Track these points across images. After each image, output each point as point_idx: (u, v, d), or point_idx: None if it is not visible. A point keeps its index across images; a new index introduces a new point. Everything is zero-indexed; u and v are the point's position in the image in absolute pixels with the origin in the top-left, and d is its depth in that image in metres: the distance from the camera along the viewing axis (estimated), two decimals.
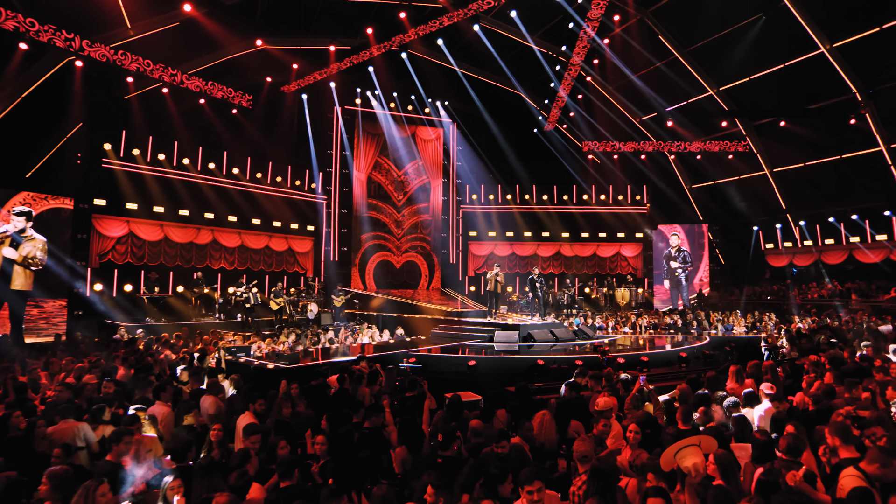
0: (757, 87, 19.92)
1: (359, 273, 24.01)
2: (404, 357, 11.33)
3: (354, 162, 24.06)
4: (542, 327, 14.88)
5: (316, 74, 18.76)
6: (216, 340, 12.26)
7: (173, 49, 16.87)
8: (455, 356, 11.97)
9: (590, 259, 26.21)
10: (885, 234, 19.79)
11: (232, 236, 20.14)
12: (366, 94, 23.70)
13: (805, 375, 7.11)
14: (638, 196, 26.12)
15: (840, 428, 4.28)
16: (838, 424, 4.33)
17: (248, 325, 16.71)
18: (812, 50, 18.00)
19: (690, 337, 16.06)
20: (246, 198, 20.45)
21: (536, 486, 3.40)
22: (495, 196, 26.52)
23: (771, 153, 21.70)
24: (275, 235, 21.43)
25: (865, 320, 15.11)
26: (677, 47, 20.42)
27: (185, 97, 17.95)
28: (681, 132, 22.48)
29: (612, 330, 17.37)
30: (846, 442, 4.21)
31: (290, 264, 22.26)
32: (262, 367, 9.67)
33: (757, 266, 23.93)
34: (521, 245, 26.27)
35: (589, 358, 10.79)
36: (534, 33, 22.21)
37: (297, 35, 19.06)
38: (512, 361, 11.69)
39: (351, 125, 23.92)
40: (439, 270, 25.84)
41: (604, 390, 6.32)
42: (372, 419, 5.16)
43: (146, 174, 17.45)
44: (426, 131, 25.50)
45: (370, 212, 24.50)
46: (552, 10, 20.30)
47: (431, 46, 23.03)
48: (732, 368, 7.19)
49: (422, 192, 25.70)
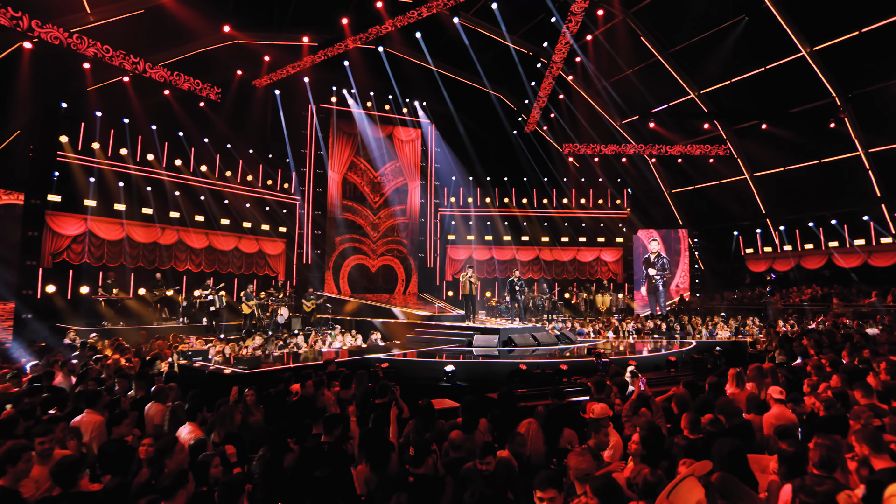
0: (738, 90, 19.81)
1: (333, 277, 23.17)
2: (377, 362, 10.62)
3: (329, 162, 23.28)
4: (523, 331, 14.30)
5: (289, 68, 17.97)
6: (174, 344, 11.36)
7: (137, 39, 15.91)
8: (431, 361, 11.31)
9: (570, 264, 25.78)
10: (863, 239, 19.75)
11: (199, 237, 19.16)
12: (342, 92, 22.99)
13: (806, 379, 6.60)
14: (618, 201, 25.85)
15: (869, 435, 3.73)
16: (867, 431, 3.79)
17: (213, 329, 15.78)
18: (793, 53, 17.91)
19: (676, 341, 15.65)
20: (214, 197, 19.53)
21: (550, 494, 2.79)
22: (474, 199, 25.95)
23: (752, 157, 21.61)
24: (244, 237, 20.49)
25: (850, 324, 14.87)
26: (659, 49, 20.20)
27: (149, 89, 17.02)
28: (663, 134, 22.25)
29: (594, 335, 16.88)
30: (878, 451, 3.66)
31: (261, 267, 21.33)
32: (217, 373, 8.85)
33: (737, 271, 23.78)
34: (501, 249, 25.73)
35: (574, 362, 10.22)
36: (514, 33, 21.86)
37: (269, 26, 18.24)
38: (492, 366, 11.06)
39: (326, 124, 23.16)
40: (416, 275, 25.14)
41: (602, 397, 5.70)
42: (332, 431, 4.47)
43: (106, 170, 16.44)
44: (404, 132, 24.86)
45: (345, 213, 23.71)
46: (533, 8, 19.96)
47: (410, 45, 22.52)
48: (732, 371, 6.66)
49: (399, 193, 25.01)
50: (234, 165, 20.34)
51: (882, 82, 17.30)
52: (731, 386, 6.54)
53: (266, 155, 21.30)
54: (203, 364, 9.73)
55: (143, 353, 9.44)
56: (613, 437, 4.65)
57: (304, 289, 20.66)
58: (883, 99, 17.45)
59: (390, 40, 22.41)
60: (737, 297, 21.81)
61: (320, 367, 9.32)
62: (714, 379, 6.41)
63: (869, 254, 19.48)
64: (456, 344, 13.96)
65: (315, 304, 19.29)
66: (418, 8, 14.74)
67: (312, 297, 19.58)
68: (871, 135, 18.42)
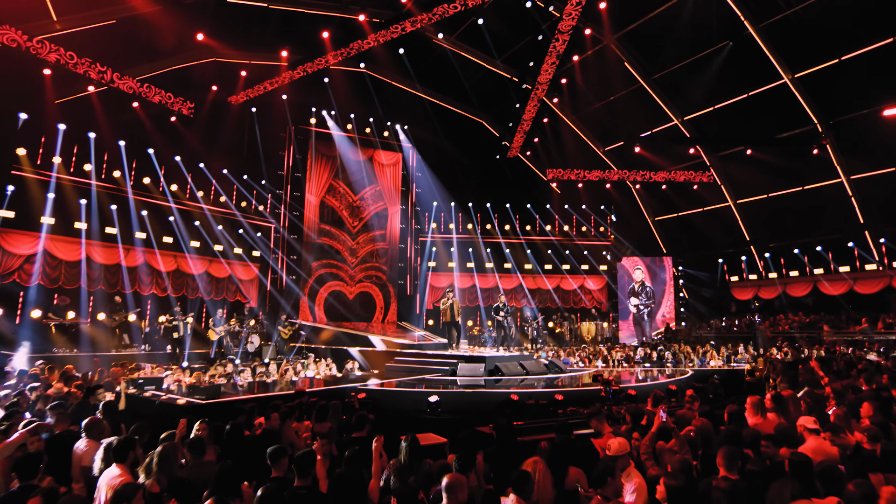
0: (722, 117, 19.74)
1: (308, 303, 22.15)
2: (353, 392, 9.72)
3: (307, 184, 22.54)
4: (510, 360, 13.50)
5: (266, 84, 17.33)
6: (125, 372, 10.29)
7: (107, 51, 15.19)
8: (413, 391, 10.42)
9: (553, 292, 25.18)
10: (848, 266, 19.58)
11: (167, 259, 18.07)
12: (321, 113, 22.43)
13: (835, 408, 5.95)
14: (602, 228, 25.53)
15: None
16: None
17: (177, 357, 14.67)
18: (775, 80, 17.92)
19: (669, 370, 15.01)
20: (184, 218, 18.51)
21: None
22: (456, 225, 25.36)
23: (736, 183, 21.49)
24: (215, 260, 19.44)
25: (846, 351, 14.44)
26: (643, 74, 20.14)
27: (118, 104, 16.21)
28: (650, 159, 22.05)
29: (581, 364, 16.16)
30: None
31: (232, 292, 20.24)
32: (169, 404, 7.85)
33: (722, 299, 23.43)
34: (483, 277, 25.04)
35: (570, 392, 9.47)
36: (498, 56, 21.66)
37: (247, 39, 17.62)
38: (480, 397, 10.22)
39: (304, 145, 22.49)
40: (395, 302, 24.24)
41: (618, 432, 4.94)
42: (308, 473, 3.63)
43: (67, 186, 15.42)
44: (385, 155, 24.29)
45: (322, 238, 22.86)
46: (519, 31, 19.83)
47: (391, 68, 22.22)
48: (751, 400, 5.98)
49: (378, 218, 24.30)
50: (207, 186, 19.47)
51: (861, 109, 17.34)
52: (751, 415, 5.85)
53: (241, 176, 20.47)
54: (155, 394, 8.70)
55: (87, 382, 8.40)
56: (635, 479, 3.89)
57: (278, 315, 19.64)
58: (863, 126, 17.48)
59: (372, 62, 22.20)
60: (725, 325, 21.39)
61: (290, 397, 8.43)
62: (734, 408, 5.72)
63: (854, 280, 19.28)
64: (439, 373, 13.08)
65: (290, 331, 18.30)
66: (402, 23, 14.29)
67: (287, 325, 18.60)
68: (852, 161, 18.40)
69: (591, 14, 16.57)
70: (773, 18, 16.74)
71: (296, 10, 18.25)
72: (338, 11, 18.23)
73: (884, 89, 16.35)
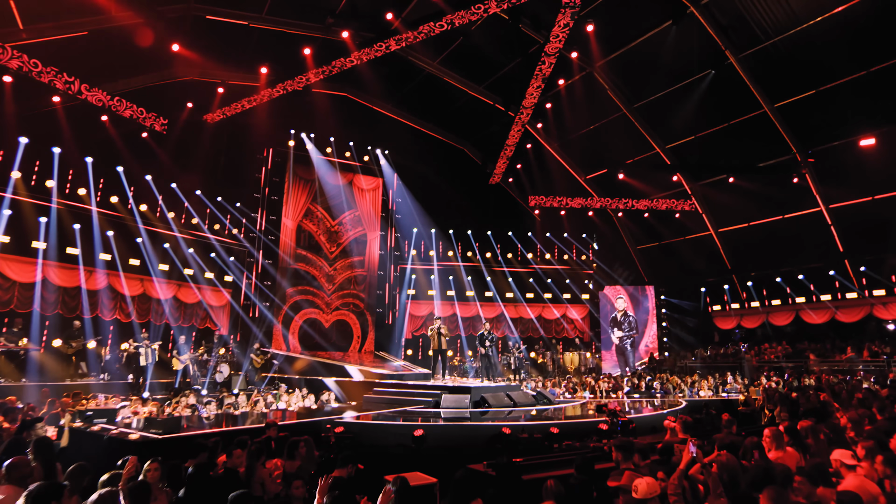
0: (704, 145, 19.81)
1: (282, 331, 21.18)
2: (329, 425, 8.94)
3: (284, 208, 21.84)
4: (497, 390, 12.84)
5: (244, 102, 16.78)
6: (74, 403, 9.32)
7: (77, 64, 14.53)
8: (396, 424, 9.69)
9: (535, 321, 24.63)
10: (829, 294, 19.53)
11: (132, 283, 17.09)
12: (300, 135, 21.90)
13: (860, 441, 5.45)
14: (584, 256, 25.27)
15: None
16: None
17: (137, 387, 13.64)
18: (756, 109, 18.07)
19: (659, 401, 14.50)
20: (153, 239, 17.62)
21: None
22: (436, 252, 24.79)
23: (718, 212, 21.46)
24: (184, 285, 18.49)
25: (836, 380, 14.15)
26: (626, 103, 20.17)
27: (85, 117, 15.48)
28: (634, 186, 21.97)
29: (569, 395, 15.55)
30: None
31: (202, 319, 19.23)
32: (119, 439, 6.96)
33: (705, 328, 23.20)
34: (464, 305, 24.41)
35: (565, 424, 8.85)
36: (482, 82, 21.57)
37: (225, 56, 17.10)
38: (469, 430, 9.54)
39: (282, 168, 21.87)
40: (373, 331, 23.39)
41: (639, 468, 4.35)
42: None
43: (25, 203, 14.49)
44: (365, 180, 23.77)
45: (298, 263, 22.05)
46: (502, 58, 19.78)
47: (372, 92, 21.96)
48: (769, 432, 5.46)
49: (357, 244, 23.60)
50: (179, 207, 18.62)
51: (839, 139, 17.55)
52: (772, 449, 5.33)
53: (215, 197, 19.70)
54: (105, 428, 7.77)
55: (27, 415, 7.48)
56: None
57: (249, 344, 18.68)
58: (841, 155, 17.68)
59: (354, 86, 21.92)
60: (710, 355, 21.09)
61: (259, 431, 7.65)
62: (755, 439, 5.20)
63: (836, 309, 19.23)
64: (421, 405, 12.34)
65: (262, 360, 17.38)
66: (386, 41, 13.98)
67: (259, 353, 17.67)
68: (831, 190, 18.54)
69: (576, 39, 16.53)
70: (752, 49, 16.96)
71: (276, 29, 17.91)
72: (320, 33, 17.89)
73: (860, 120, 16.62)
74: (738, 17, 16.41)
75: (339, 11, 17.33)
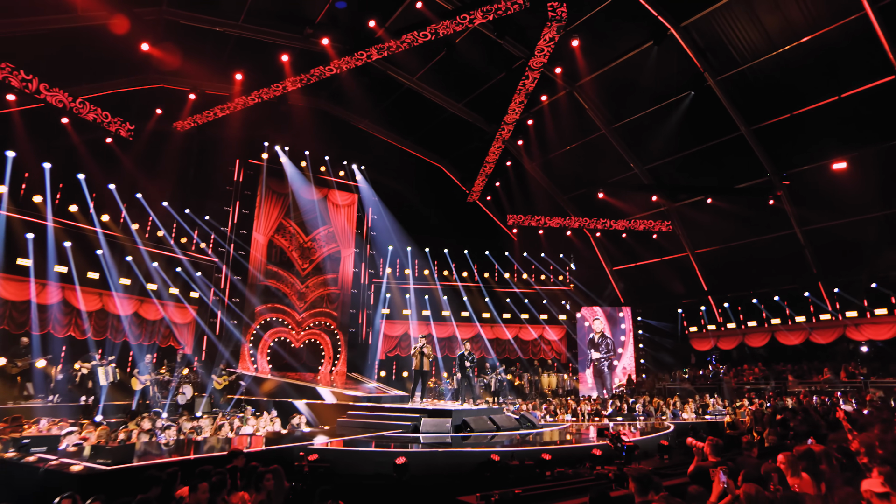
0: (682, 166, 19.89)
1: (250, 351, 20.24)
2: (302, 452, 8.24)
3: (255, 222, 21.08)
4: (479, 413, 12.27)
5: (217, 110, 16.12)
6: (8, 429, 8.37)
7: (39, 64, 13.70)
8: (374, 451, 9.02)
9: (513, 342, 24.17)
10: (804, 316, 19.62)
11: (90, 297, 16.04)
12: (274, 148, 21.27)
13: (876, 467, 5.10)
14: (561, 276, 25.03)
15: None
16: None
17: (90, 409, 12.64)
18: (733, 132, 18.21)
19: (643, 424, 14.11)
20: (115, 252, 16.66)
21: None
22: (412, 271, 24.22)
23: (695, 233, 21.50)
24: (147, 300, 17.50)
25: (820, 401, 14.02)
26: (605, 123, 20.17)
27: (45, 120, 14.60)
28: (613, 205, 21.88)
29: (551, 418, 15.06)
30: None
31: (165, 337, 18.20)
32: (58, 471, 6.10)
33: (682, 350, 23.08)
34: (441, 325, 23.80)
35: (558, 450, 8.34)
36: (462, 99, 21.36)
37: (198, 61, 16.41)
38: (454, 457, 8.93)
39: (254, 181, 21.17)
40: (346, 351, 22.56)
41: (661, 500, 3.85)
42: None
43: None
44: (340, 195, 23.16)
45: (269, 280, 21.22)
46: (483, 75, 19.61)
47: (350, 106, 21.55)
48: (783, 458, 5.06)
49: (331, 261, 22.88)
50: (143, 218, 17.70)
51: (813, 163, 17.76)
52: (790, 476, 4.92)
53: (182, 209, 18.84)
54: (42, 458, 6.86)
55: None
56: None
57: (215, 364, 17.72)
58: (814, 178, 17.89)
59: (331, 99, 21.48)
60: (689, 377, 20.90)
61: (223, 459, 6.92)
62: (770, 465, 4.80)
63: (810, 330, 19.31)
64: (399, 430, 11.66)
65: (228, 381, 16.46)
66: (368, 49, 13.60)
67: (224, 373, 16.76)
68: (805, 212, 18.72)
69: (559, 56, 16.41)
70: (730, 72, 17.13)
71: (251, 36, 17.36)
72: (298, 42, 17.42)
73: (832, 144, 16.85)
74: (716, 40, 16.59)
75: (319, 21, 16.99)
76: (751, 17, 15.68)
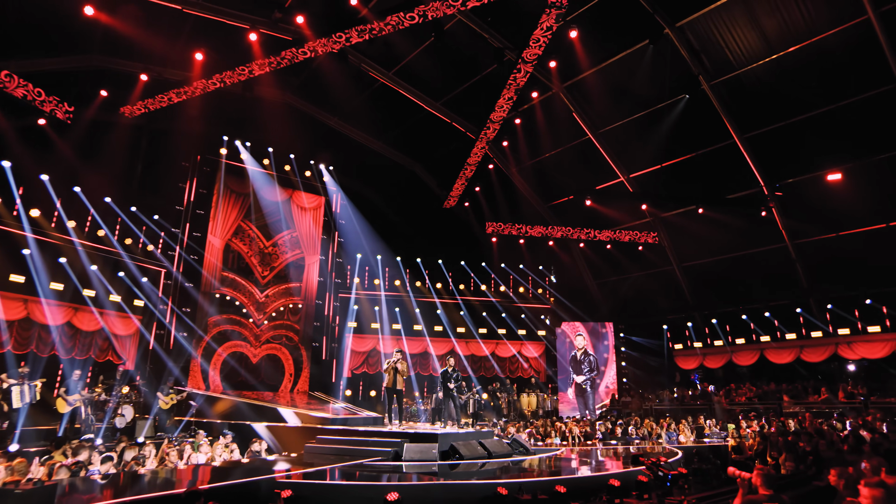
0: (670, 175, 19.16)
1: (202, 366, 18.05)
2: (275, 489, 6.55)
3: (211, 224, 19.03)
4: (468, 438, 10.74)
5: (172, 94, 14.28)
6: None
7: None
8: (360, 485, 7.37)
9: (490, 358, 22.74)
10: (795, 333, 18.99)
11: (12, 304, 13.76)
12: (234, 143, 19.38)
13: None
14: (540, 290, 23.88)
15: None
16: None
17: (3, 437, 10.47)
18: (725, 139, 17.61)
19: (639, 447, 12.88)
20: (45, 252, 14.42)
21: None
22: (382, 281, 22.55)
23: (683, 245, 20.73)
24: (83, 308, 15.24)
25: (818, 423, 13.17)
26: (592, 127, 19.29)
27: None
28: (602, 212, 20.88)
29: (540, 443, 13.67)
30: None
31: (103, 350, 15.89)
32: None
33: (667, 368, 22.15)
34: (413, 340, 22.16)
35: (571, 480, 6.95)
36: (440, 98, 20.13)
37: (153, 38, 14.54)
38: (454, 491, 7.38)
39: (211, 178, 19.16)
40: (308, 368, 20.59)
41: None
42: None
43: None
44: (306, 198, 21.37)
45: (224, 288, 19.17)
46: (466, 71, 18.49)
47: (319, 102, 20.02)
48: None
49: (294, 269, 20.99)
50: (82, 215, 15.53)
51: (807, 173, 17.31)
52: None
53: (128, 207, 16.71)
54: None
55: None
56: None
57: (162, 381, 15.59)
58: (808, 190, 17.43)
59: (299, 93, 19.93)
60: (677, 397, 19.93)
61: (173, 500, 5.22)
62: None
63: (801, 348, 18.66)
64: (379, 457, 9.97)
65: (176, 400, 14.41)
66: (347, 31, 12.17)
67: (172, 391, 14.70)
68: (797, 224, 18.21)
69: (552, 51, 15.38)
70: (725, 76, 16.56)
71: (215, 18, 15.65)
72: (266, 28, 15.76)
73: (827, 154, 16.38)
74: (712, 42, 15.99)
75: (290, 5, 15.47)
76: (749, 18, 15.13)
